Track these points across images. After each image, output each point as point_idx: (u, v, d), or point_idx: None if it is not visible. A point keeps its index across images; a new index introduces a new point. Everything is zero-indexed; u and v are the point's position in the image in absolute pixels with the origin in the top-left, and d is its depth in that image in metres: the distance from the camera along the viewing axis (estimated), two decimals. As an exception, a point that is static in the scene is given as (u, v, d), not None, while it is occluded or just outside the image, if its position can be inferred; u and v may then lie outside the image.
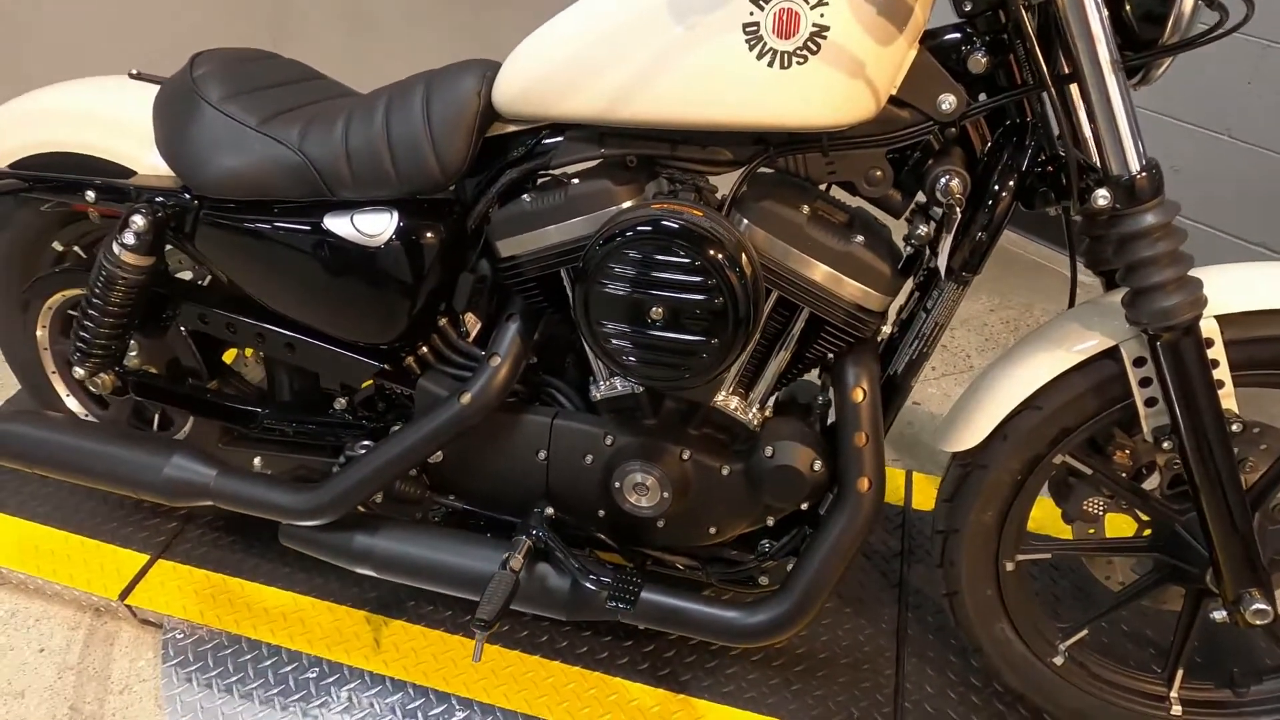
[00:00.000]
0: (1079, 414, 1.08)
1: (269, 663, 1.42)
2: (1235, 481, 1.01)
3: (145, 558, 1.57)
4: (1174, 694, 1.22)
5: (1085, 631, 1.24)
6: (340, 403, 1.33)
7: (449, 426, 1.16)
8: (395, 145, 1.11)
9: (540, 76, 1.03)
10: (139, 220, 1.17)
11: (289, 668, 1.41)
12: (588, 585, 1.15)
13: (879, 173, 1.01)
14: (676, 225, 0.96)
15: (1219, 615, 1.10)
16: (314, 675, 1.40)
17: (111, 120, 1.26)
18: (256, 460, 1.35)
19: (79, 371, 1.33)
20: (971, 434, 1.10)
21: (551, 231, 1.09)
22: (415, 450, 1.18)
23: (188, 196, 1.20)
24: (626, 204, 1.06)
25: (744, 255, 0.97)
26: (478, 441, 1.22)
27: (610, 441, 1.18)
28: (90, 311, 1.26)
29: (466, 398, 1.15)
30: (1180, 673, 1.22)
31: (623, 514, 1.20)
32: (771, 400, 1.16)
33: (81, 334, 1.28)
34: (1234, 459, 1.00)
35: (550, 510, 1.21)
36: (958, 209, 0.95)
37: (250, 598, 1.51)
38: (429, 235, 1.14)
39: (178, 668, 1.41)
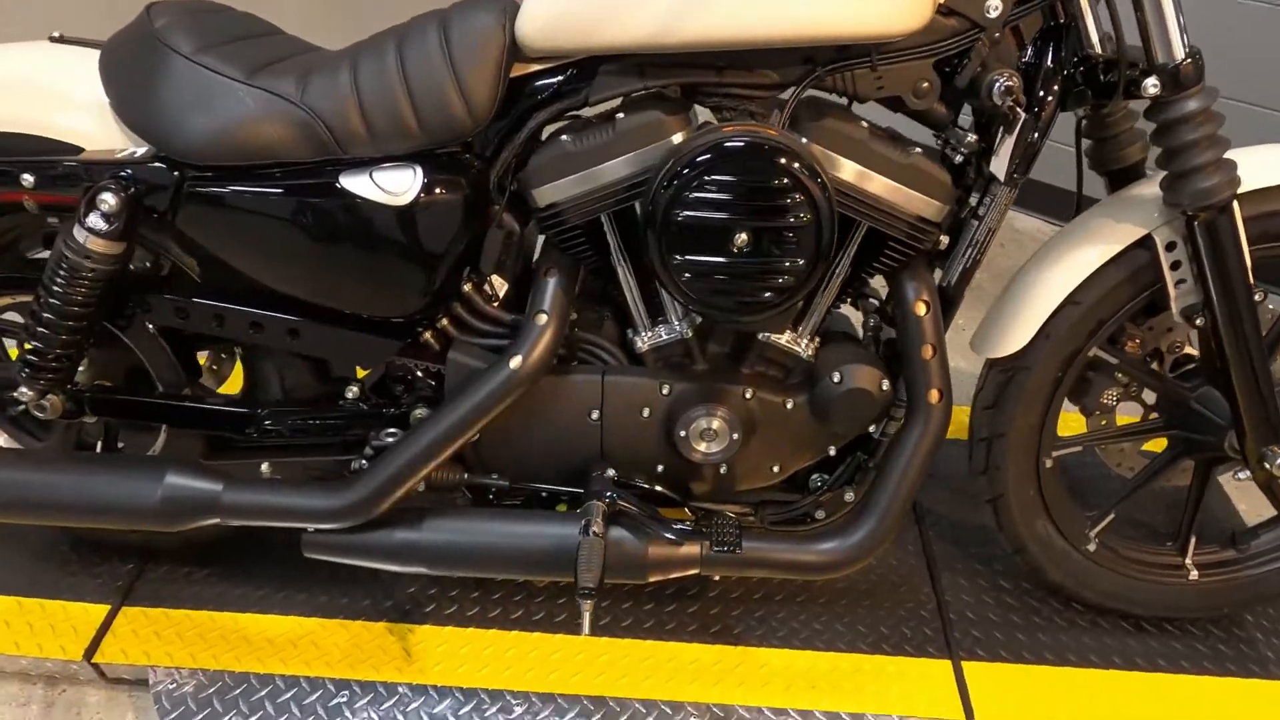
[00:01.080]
0: (1114, 305, 1.14)
1: (289, 695, 1.27)
2: (1260, 348, 1.10)
3: (105, 608, 1.36)
4: (1188, 561, 1.33)
5: (1112, 515, 1.32)
6: (352, 391, 1.20)
7: (500, 395, 1.07)
8: (416, 92, 1.00)
9: (575, 5, 0.97)
10: (109, 199, 1.00)
11: (313, 696, 1.26)
12: (670, 537, 1.10)
13: (926, 84, 1.02)
14: (761, 144, 0.92)
15: (1242, 476, 1.20)
16: (344, 699, 1.26)
17: (44, 90, 1.06)
18: (265, 466, 1.19)
19: (25, 393, 1.12)
20: (1015, 338, 1.14)
21: (599, 172, 1.03)
22: (463, 427, 1.08)
23: (163, 167, 1.03)
24: (677, 135, 1.01)
25: (821, 170, 0.95)
26: (522, 410, 1.13)
27: (667, 391, 1.13)
28: (45, 316, 1.07)
29: (517, 361, 1.07)
30: (1193, 540, 1.32)
31: (683, 465, 1.16)
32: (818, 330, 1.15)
33: (33, 347, 1.08)
34: (1259, 327, 1.09)
35: (612, 471, 1.14)
36: (1020, 110, 0.98)
37: (246, 630, 1.34)
38: (456, 189, 1.04)
39: (179, 721, 1.23)
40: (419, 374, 1.17)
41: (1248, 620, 1.39)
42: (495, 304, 1.16)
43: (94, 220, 1.01)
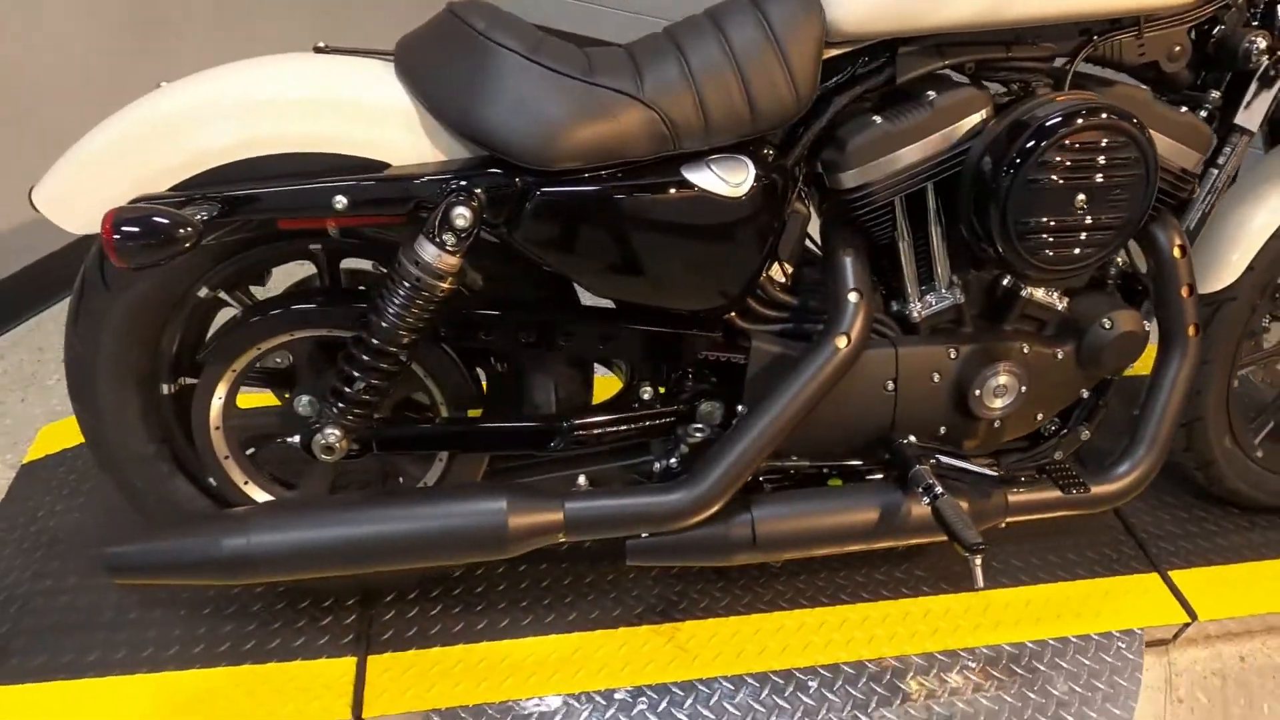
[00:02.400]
0: (1302, 236, 1.30)
1: (586, 711, 1.24)
2: None
3: (350, 660, 1.27)
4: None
5: (1271, 424, 1.50)
6: (647, 392, 1.18)
7: (832, 375, 1.09)
8: (748, 78, 1.00)
9: None
10: (465, 213, 0.94)
11: (610, 710, 1.24)
12: (984, 488, 1.17)
13: (1180, 48, 1.12)
14: (1100, 110, 1.00)
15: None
16: (644, 706, 1.25)
17: (334, 103, 0.97)
18: (581, 479, 1.15)
19: (331, 436, 1.04)
20: (1227, 272, 1.28)
21: (912, 150, 1.07)
22: (798, 410, 1.09)
23: (505, 174, 0.98)
24: (985, 110, 1.07)
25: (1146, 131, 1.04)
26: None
27: (954, 355, 1.19)
28: (374, 344, 0.99)
29: (843, 341, 1.10)
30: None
31: (965, 423, 1.22)
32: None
33: (352, 381, 1.00)
34: None
35: (913, 437, 1.19)
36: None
37: (510, 656, 1.29)
38: (776, 176, 1.05)
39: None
40: (713, 364, 1.17)
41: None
42: (781, 290, 1.18)
43: (448, 237, 0.95)
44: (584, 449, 1.16)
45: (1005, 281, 1.20)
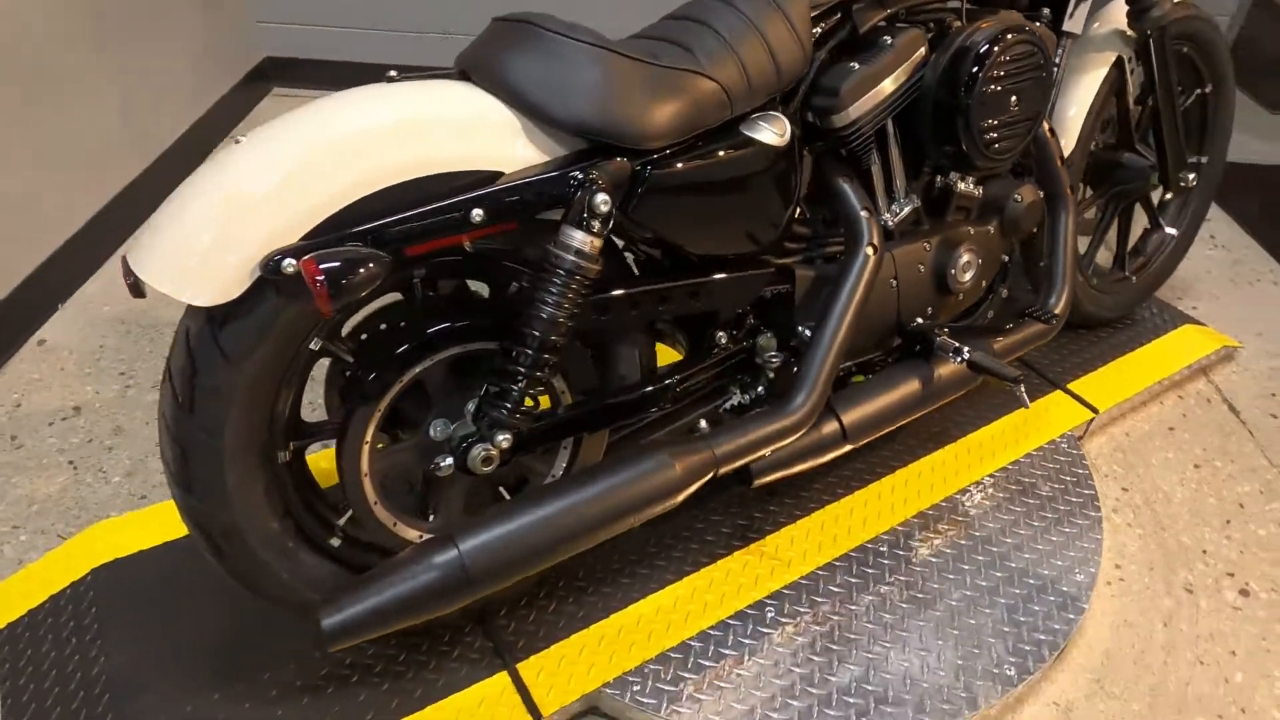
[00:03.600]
0: (1106, 109, 1.74)
1: (719, 636, 1.36)
2: (1177, 109, 1.78)
3: (500, 675, 1.29)
4: (1127, 272, 2.04)
5: (1092, 260, 1.97)
6: (722, 337, 1.31)
7: (870, 277, 1.30)
8: (769, 41, 1.18)
9: None
10: (604, 198, 1.01)
11: (731, 631, 1.38)
12: (987, 344, 1.46)
13: None
14: (1020, 26, 1.30)
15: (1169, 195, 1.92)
16: (753, 622, 1.40)
17: (446, 122, 1.00)
18: (703, 423, 1.25)
19: (501, 442, 1.06)
20: (1068, 147, 1.69)
21: (886, 85, 1.31)
22: (855, 312, 1.29)
23: (621, 160, 1.06)
24: (923, 47, 1.34)
25: None
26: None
27: (929, 248, 1.46)
28: (535, 336, 1.03)
29: (870, 250, 1.31)
30: (1126, 258, 2.03)
31: (942, 299, 1.50)
32: None
33: (515, 380, 1.04)
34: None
35: (919, 319, 1.45)
36: None
37: (641, 617, 1.38)
38: (795, 126, 1.25)
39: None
40: (766, 299, 1.34)
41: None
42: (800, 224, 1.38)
43: (594, 222, 1.02)
44: (682, 403, 1.28)
45: (938, 182, 1.49)
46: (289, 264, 0.91)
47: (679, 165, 1.11)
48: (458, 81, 1.06)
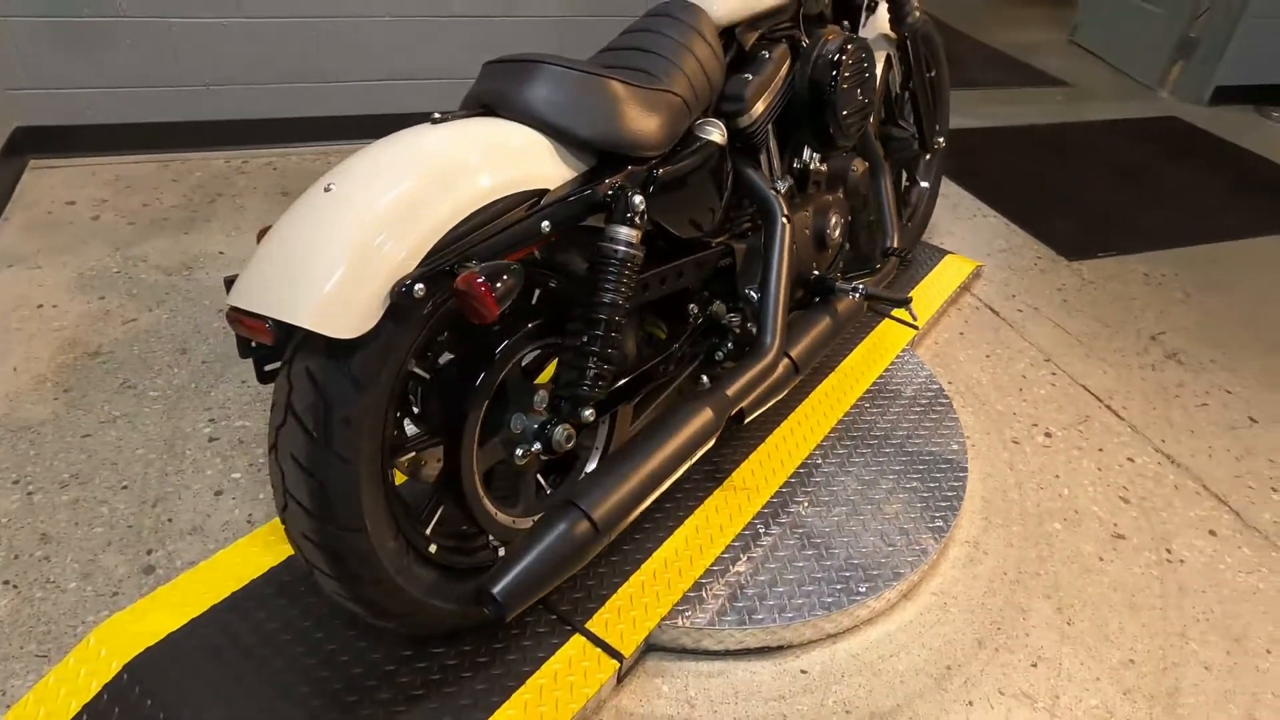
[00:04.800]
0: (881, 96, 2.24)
1: (739, 561, 1.63)
2: (928, 86, 2.33)
3: (576, 637, 1.45)
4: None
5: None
6: (693, 307, 1.57)
7: (791, 240, 1.64)
8: (699, 58, 1.45)
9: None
10: (639, 198, 1.22)
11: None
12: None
13: (826, 2, 1.90)
14: (852, 40, 1.70)
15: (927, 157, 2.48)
16: (759, 538, 1.69)
17: (509, 150, 1.15)
18: (705, 379, 1.49)
19: (587, 417, 1.23)
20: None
21: (773, 89, 1.65)
22: (789, 268, 1.61)
23: (642, 167, 1.27)
24: (789, 57, 1.70)
25: None
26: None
27: (809, 214, 1.83)
28: (601, 318, 1.22)
29: (784, 219, 1.65)
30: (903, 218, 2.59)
31: (823, 257, 1.88)
32: None
33: (588, 358, 1.23)
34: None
35: (817, 271, 1.81)
36: None
37: (669, 559, 1.60)
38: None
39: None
40: (716, 270, 1.62)
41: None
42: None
43: (635, 219, 1.23)
44: (681, 366, 1.53)
45: (797, 164, 1.87)
46: (419, 288, 1.03)
47: (671, 166, 1.36)
48: (493, 117, 1.22)
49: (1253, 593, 1.79)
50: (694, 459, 1.36)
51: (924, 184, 2.66)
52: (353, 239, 1.02)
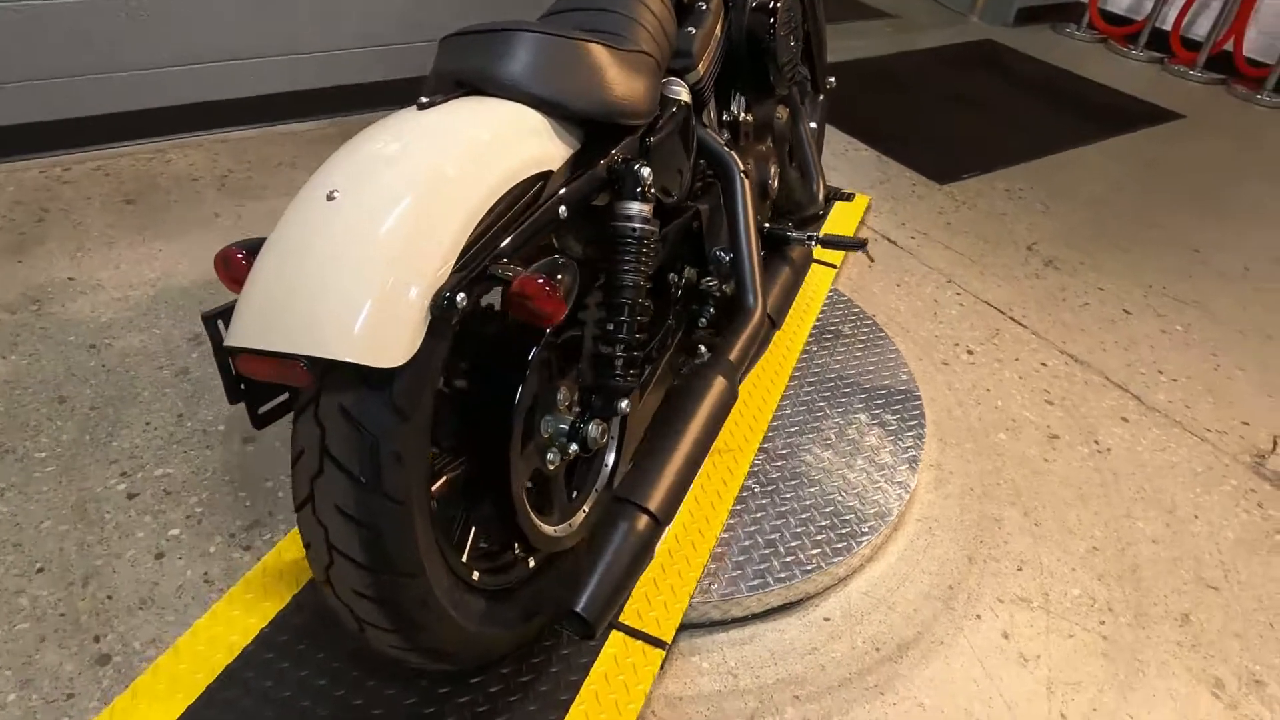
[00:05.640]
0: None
1: (739, 527, 1.63)
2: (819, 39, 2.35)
3: (616, 634, 1.40)
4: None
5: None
6: (673, 276, 1.51)
7: (751, 192, 1.60)
8: (659, 18, 1.38)
9: None
10: (646, 171, 1.14)
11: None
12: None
13: None
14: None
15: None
16: (753, 501, 1.70)
17: (509, 135, 1.03)
18: (702, 348, 1.44)
19: (624, 409, 1.16)
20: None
21: (714, 42, 1.60)
22: (754, 220, 1.58)
23: (634, 138, 1.18)
24: (723, 10, 1.65)
25: None
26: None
27: (751, 163, 1.82)
28: (624, 303, 1.15)
29: (741, 174, 1.61)
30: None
31: (766, 204, 1.88)
32: None
33: (618, 344, 1.15)
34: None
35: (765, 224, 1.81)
36: None
37: (673, 550, 1.58)
38: None
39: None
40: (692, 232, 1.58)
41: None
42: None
43: (645, 193, 1.15)
44: (670, 339, 1.49)
45: (726, 116, 1.84)
46: (461, 298, 0.92)
47: (666, 127, 1.29)
48: (483, 97, 1.09)
49: (1170, 467, 2.00)
50: (718, 430, 1.33)
51: (813, 124, 2.71)
52: (380, 253, 0.89)
